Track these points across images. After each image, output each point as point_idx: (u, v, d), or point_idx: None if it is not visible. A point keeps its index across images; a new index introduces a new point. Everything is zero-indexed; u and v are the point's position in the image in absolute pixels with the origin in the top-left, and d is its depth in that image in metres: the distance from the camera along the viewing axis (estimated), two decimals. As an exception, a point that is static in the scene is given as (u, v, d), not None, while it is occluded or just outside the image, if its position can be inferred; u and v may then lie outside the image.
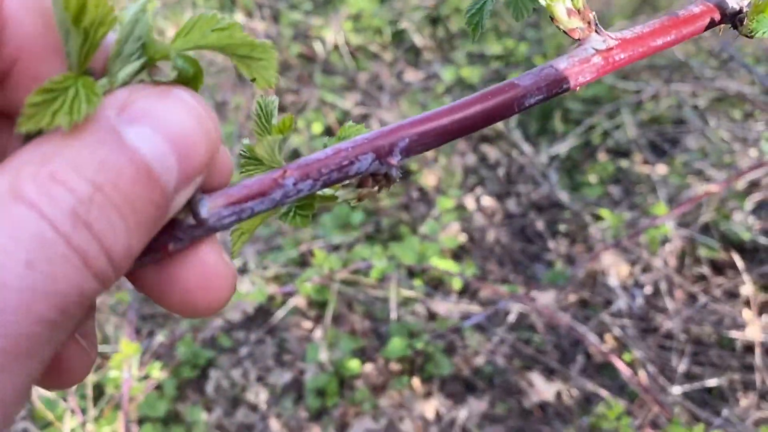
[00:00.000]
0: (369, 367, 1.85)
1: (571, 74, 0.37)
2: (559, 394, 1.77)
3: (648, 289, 1.92)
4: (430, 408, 1.77)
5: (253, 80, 0.29)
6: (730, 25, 0.42)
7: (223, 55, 0.30)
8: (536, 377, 1.79)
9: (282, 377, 1.86)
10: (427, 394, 1.81)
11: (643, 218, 1.97)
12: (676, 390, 1.64)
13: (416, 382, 1.82)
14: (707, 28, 0.40)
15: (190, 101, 0.28)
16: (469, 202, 2.23)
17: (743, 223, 1.93)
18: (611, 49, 0.37)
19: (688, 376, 1.74)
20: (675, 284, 1.90)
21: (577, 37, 0.38)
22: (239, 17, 2.38)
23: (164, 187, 0.27)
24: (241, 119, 2.38)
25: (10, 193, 0.24)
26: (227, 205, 0.31)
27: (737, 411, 1.62)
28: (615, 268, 1.95)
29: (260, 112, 0.36)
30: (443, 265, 1.82)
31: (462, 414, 1.76)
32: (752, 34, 0.39)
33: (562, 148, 2.24)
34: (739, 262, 1.74)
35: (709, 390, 1.72)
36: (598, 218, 2.07)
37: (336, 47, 2.57)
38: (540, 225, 2.14)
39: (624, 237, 1.80)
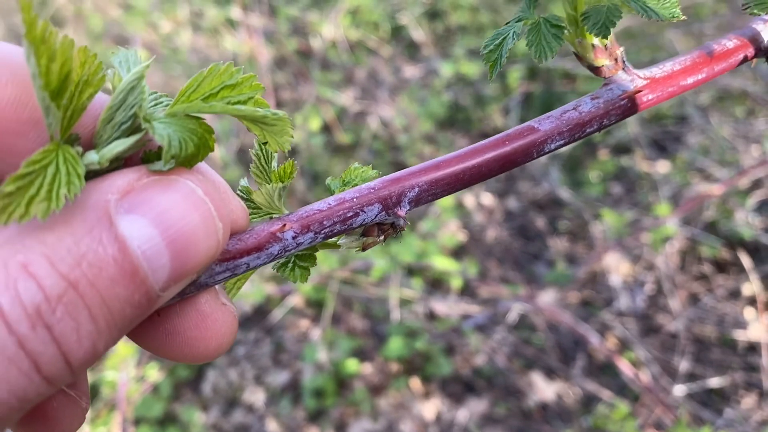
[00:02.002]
0: (368, 367, 1.83)
1: (595, 118, 0.34)
2: (559, 394, 1.76)
3: (649, 288, 1.90)
4: (429, 408, 1.75)
5: (265, 143, 0.28)
6: (765, 60, 0.39)
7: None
8: (537, 377, 1.78)
9: (280, 377, 1.84)
10: (427, 395, 1.79)
11: (645, 217, 1.95)
12: (679, 390, 1.63)
13: (416, 382, 1.80)
14: (740, 63, 0.38)
15: (198, 197, 0.26)
16: (469, 201, 2.21)
17: (745, 222, 1.91)
18: (640, 90, 0.35)
19: (691, 376, 1.72)
20: (677, 283, 1.89)
21: (603, 76, 0.36)
22: (236, 12, 2.34)
23: (149, 288, 0.24)
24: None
25: None
26: (220, 261, 0.29)
27: (740, 411, 1.60)
28: (616, 267, 1.93)
29: (259, 153, 0.34)
30: (443, 263, 1.80)
31: (462, 414, 1.74)
32: None
33: (565, 149, 2.21)
34: (746, 261, 1.73)
35: (711, 390, 1.71)
36: (599, 216, 2.05)
37: (333, 42, 2.54)
38: (540, 223, 2.12)
39: (626, 237, 1.79)
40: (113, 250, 0.23)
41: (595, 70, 0.36)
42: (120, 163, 0.26)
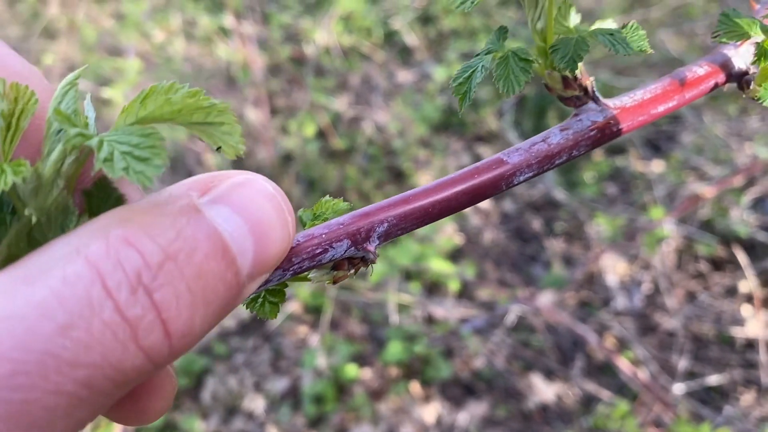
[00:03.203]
0: (367, 372, 1.83)
1: (564, 149, 0.34)
2: (559, 395, 1.76)
3: (647, 287, 1.91)
4: (429, 412, 1.75)
5: (219, 149, 0.26)
6: (737, 86, 0.39)
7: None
8: (536, 378, 1.78)
9: (279, 384, 1.84)
10: (427, 398, 1.79)
11: (641, 218, 1.95)
12: (678, 388, 1.63)
13: (415, 386, 1.80)
14: (712, 89, 0.38)
15: (271, 191, 0.27)
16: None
17: (740, 219, 1.92)
18: (609, 120, 0.35)
19: (689, 374, 1.73)
20: (674, 282, 1.89)
21: (572, 106, 0.36)
22: (228, 20, 2.35)
23: (238, 269, 0.25)
24: (232, 123, 2.35)
25: (74, 250, 0.22)
26: None
27: (739, 408, 1.61)
28: (613, 267, 1.94)
29: None
30: (440, 266, 1.80)
31: (462, 418, 1.74)
32: (759, 101, 0.37)
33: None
34: (742, 258, 1.73)
35: (710, 387, 1.71)
36: (594, 216, 2.06)
37: (327, 49, 2.54)
38: (536, 225, 2.13)
39: (621, 239, 1.79)
40: (205, 228, 0.24)
41: (565, 101, 0.36)
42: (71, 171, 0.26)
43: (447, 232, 2.08)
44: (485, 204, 2.23)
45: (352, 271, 0.33)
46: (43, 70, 2.29)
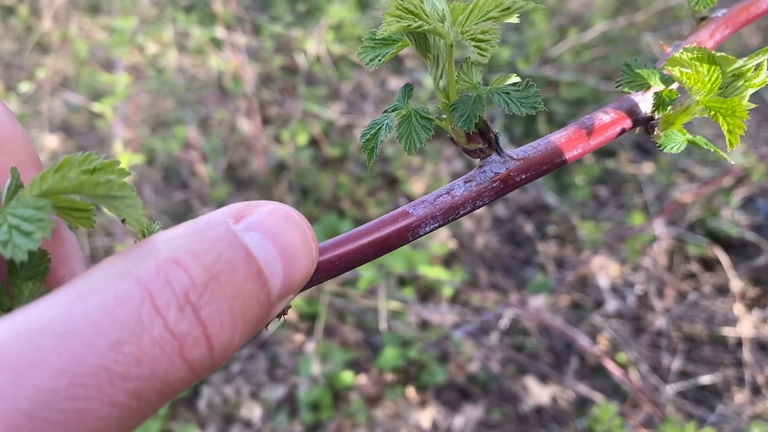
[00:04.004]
0: (363, 378, 1.84)
1: (468, 200, 0.35)
2: (554, 398, 1.77)
3: (639, 289, 1.92)
4: (425, 417, 1.76)
5: (124, 221, 0.28)
6: (644, 131, 0.40)
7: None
8: (531, 381, 1.79)
9: (275, 392, 1.85)
10: (423, 403, 1.80)
11: (627, 223, 1.97)
12: (670, 388, 1.64)
13: (411, 391, 1.81)
14: (618, 135, 0.39)
15: (298, 220, 0.30)
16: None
17: (730, 219, 1.94)
18: (511, 171, 0.36)
19: (682, 374, 1.74)
20: (665, 283, 1.91)
21: (477, 158, 0.37)
22: (220, 31, 2.37)
23: (270, 290, 0.28)
24: (224, 133, 2.37)
25: (125, 270, 0.24)
26: None
27: (732, 407, 1.62)
28: (605, 269, 1.95)
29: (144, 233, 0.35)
30: (433, 272, 1.81)
31: (458, 422, 1.75)
32: (661, 148, 0.38)
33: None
34: (725, 261, 1.75)
35: (703, 387, 1.72)
36: (586, 219, 2.07)
37: (318, 58, 2.56)
38: (529, 228, 2.14)
39: (607, 244, 1.81)
40: (242, 252, 0.27)
41: (470, 153, 0.37)
42: None
43: (441, 238, 2.10)
44: (478, 210, 2.24)
45: (282, 317, 0.33)
46: (36, 84, 2.30)
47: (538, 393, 1.76)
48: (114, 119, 1.82)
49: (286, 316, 0.34)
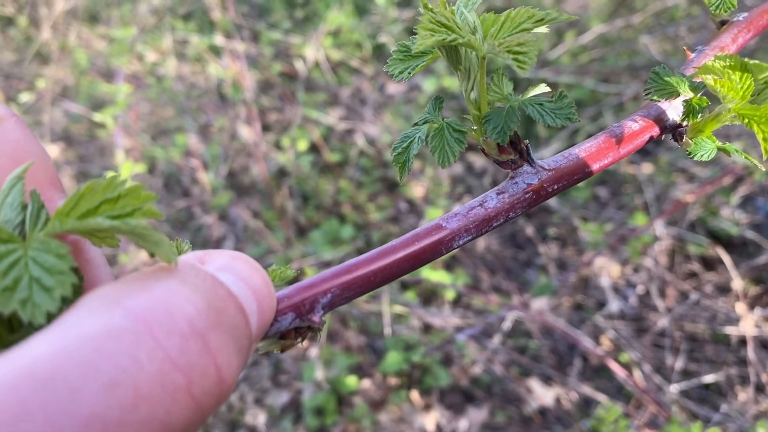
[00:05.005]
0: (366, 382, 1.84)
1: (501, 212, 0.35)
2: (558, 399, 1.77)
3: (641, 289, 1.93)
4: (430, 420, 1.76)
5: (153, 256, 0.27)
6: (671, 138, 0.40)
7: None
8: (534, 383, 1.79)
9: (280, 398, 1.85)
10: (427, 407, 1.80)
11: (629, 222, 1.98)
12: (674, 388, 1.64)
13: (415, 395, 1.81)
14: (647, 143, 0.39)
15: (256, 265, 0.29)
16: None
17: (730, 218, 1.94)
18: (543, 182, 0.36)
19: (685, 374, 1.74)
20: (667, 282, 1.91)
21: (508, 170, 0.37)
22: (219, 39, 2.37)
23: (251, 327, 0.27)
24: (225, 141, 2.38)
25: (113, 302, 0.22)
26: None
27: (736, 406, 1.62)
28: (606, 270, 1.96)
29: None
30: (435, 276, 1.82)
31: (462, 425, 1.75)
32: (691, 156, 0.38)
33: (546, 153, 2.25)
34: (727, 260, 1.75)
35: (707, 386, 1.73)
36: (586, 220, 2.08)
37: (317, 64, 2.57)
38: (530, 230, 2.14)
39: (608, 245, 1.81)
40: (225, 288, 0.26)
41: (501, 164, 0.37)
42: None
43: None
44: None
45: (299, 339, 0.33)
46: (37, 94, 2.31)
47: (542, 395, 1.76)
48: (115, 128, 1.83)
49: (320, 331, 0.33)
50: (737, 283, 1.73)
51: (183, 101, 2.48)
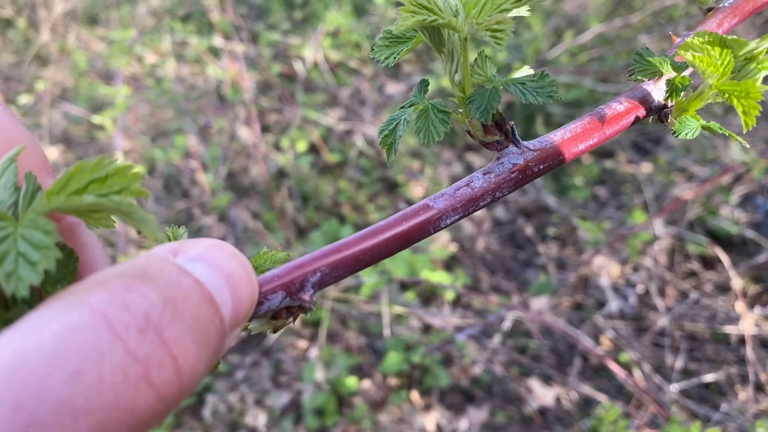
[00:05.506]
0: (367, 383, 1.84)
1: (487, 192, 0.36)
2: (558, 399, 1.77)
3: (640, 288, 1.93)
4: (430, 421, 1.76)
5: (140, 233, 0.28)
6: (657, 119, 0.40)
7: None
8: (534, 383, 1.79)
9: (280, 399, 1.85)
10: (427, 407, 1.80)
11: (628, 221, 1.98)
12: (674, 387, 1.65)
13: (415, 395, 1.81)
14: (632, 124, 0.39)
15: (236, 252, 0.29)
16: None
17: (730, 217, 1.94)
18: (529, 162, 0.36)
19: (685, 373, 1.74)
20: (667, 282, 1.91)
21: (494, 150, 0.37)
22: (218, 40, 2.38)
23: (223, 317, 0.27)
24: (224, 142, 2.38)
25: (76, 300, 0.23)
26: None
27: (736, 405, 1.62)
28: (606, 269, 1.96)
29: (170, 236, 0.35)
30: (435, 277, 1.82)
31: (463, 425, 1.75)
32: (676, 134, 0.38)
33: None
34: (725, 259, 1.75)
35: (707, 385, 1.73)
36: (586, 220, 2.08)
37: (316, 65, 2.57)
38: (529, 230, 2.15)
39: (609, 243, 1.81)
40: (191, 279, 0.26)
41: (487, 145, 0.37)
42: None
43: (442, 241, 2.10)
44: (478, 212, 2.25)
45: (291, 319, 0.33)
46: (36, 96, 2.31)
47: (542, 394, 1.77)
48: (114, 130, 1.83)
49: (311, 310, 0.33)
50: (736, 282, 1.73)
51: (182, 103, 2.48)
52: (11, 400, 0.20)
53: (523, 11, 0.33)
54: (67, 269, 0.29)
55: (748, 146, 0.40)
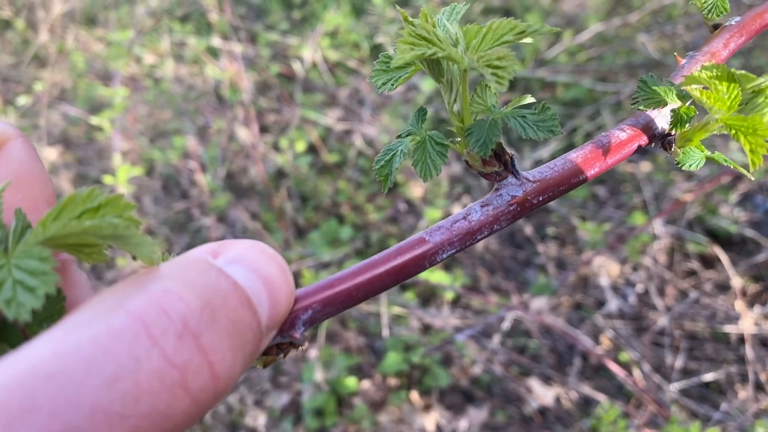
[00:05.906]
0: (366, 383, 1.84)
1: (485, 225, 0.35)
2: (558, 399, 1.77)
3: (640, 288, 1.93)
4: (430, 421, 1.76)
5: (135, 258, 0.27)
6: (660, 146, 0.39)
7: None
8: (534, 383, 1.79)
9: (279, 399, 1.85)
10: (427, 407, 1.80)
11: (628, 221, 1.97)
12: (674, 387, 1.64)
13: (415, 395, 1.81)
14: (635, 152, 0.38)
15: (274, 254, 0.29)
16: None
17: (729, 216, 1.94)
18: (528, 194, 0.35)
19: (685, 372, 1.74)
20: (666, 281, 1.91)
21: (492, 181, 0.36)
22: (216, 40, 2.37)
23: (260, 319, 0.27)
24: (223, 142, 2.38)
25: (115, 304, 0.23)
26: None
27: (736, 404, 1.62)
28: (605, 269, 1.96)
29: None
30: (434, 278, 1.82)
31: (462, 425, 1.75)
32: (679, 165, 0.37)
33: (545, 152, 2.25)
34: (725, 258, 1.75)
35: (707, 384, 1.73)
36: (585, 220, 2.08)
37: (314, 65, 2.57)
38: (528, 230, 2.14)
39: (608, 243, 1.81)
40: (229, 282, 0.26)
41: (486, 176, 0.36)
42: None
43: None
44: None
45: (281, 355, 0.33)
46: (34, 97, 2.31)
47: (542, 394, 1.76)
48: (113, 131, 1.83)
49: (302, 346, 0.33)
50: (736, 281, 1.73)
51: (181, 103, 2.48)
52: (47, 406, 0.20)
53: (526, 41, 0.32)
54: (54, 308, 0.29)
55: (753, 179, 0.39)
